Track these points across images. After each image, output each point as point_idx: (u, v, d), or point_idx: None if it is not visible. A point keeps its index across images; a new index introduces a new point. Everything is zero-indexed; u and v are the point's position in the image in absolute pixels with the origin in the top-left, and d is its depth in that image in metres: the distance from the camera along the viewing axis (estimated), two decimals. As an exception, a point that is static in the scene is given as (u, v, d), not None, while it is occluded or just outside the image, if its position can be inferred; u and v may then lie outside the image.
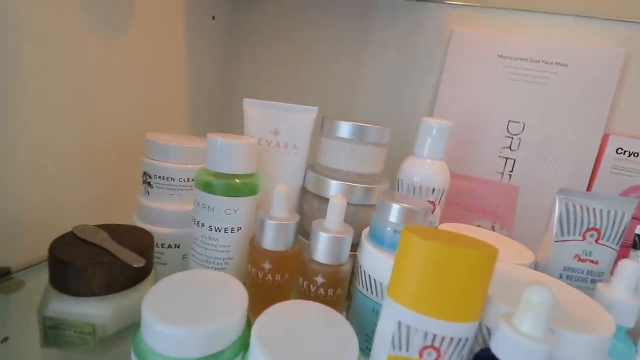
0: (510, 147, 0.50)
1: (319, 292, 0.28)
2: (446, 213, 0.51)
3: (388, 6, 0.54)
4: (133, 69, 0.43)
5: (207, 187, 0.30)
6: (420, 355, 0.21)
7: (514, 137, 0.50)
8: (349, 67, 0.57)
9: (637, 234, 0.30)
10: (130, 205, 0.38)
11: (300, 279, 0.29)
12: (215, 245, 0.31)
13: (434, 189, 0.36)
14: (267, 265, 0.29)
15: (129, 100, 0.44)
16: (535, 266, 0.33)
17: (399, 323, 0.21)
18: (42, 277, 0.35)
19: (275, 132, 0.35)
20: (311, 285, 0.28)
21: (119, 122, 0.43)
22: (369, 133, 0.34)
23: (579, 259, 0.31)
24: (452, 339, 0.21)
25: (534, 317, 0.20)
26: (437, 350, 0.21)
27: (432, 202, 0.37)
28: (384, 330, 0.22)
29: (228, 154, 0.30)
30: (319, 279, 0.28)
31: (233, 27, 0.61)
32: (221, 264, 0.31)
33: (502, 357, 0.20)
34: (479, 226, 0.42)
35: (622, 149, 0.48)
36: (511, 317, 0.21)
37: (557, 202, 0.32)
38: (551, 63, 0.48)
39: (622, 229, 0.31)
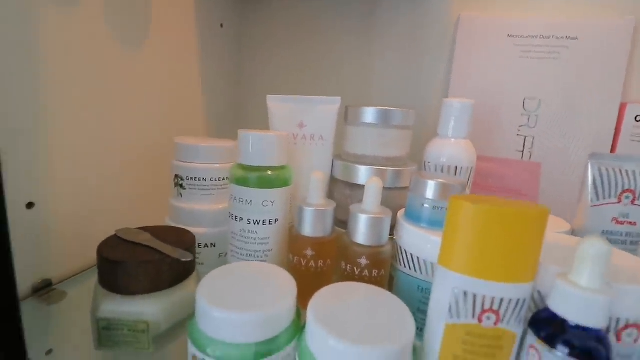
0: (528, 125, 0.51)
1: (364, 273, 0.28)
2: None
3: (392, -2, 0.55)
4: (154, 76, 0.44)
5: (243, 181, 0.31)
6: (480, 320, 0.21)
7: (531, 114, 0.50)
8: (362, 61, 0.58)
9: (674, 192, 0.30)
10: (163, 210, 0.39)
11: (343, 263, 0.29)
12: (255, 238, 0.31)
13: (461, 168, 0.36)
14: (309, 252, 0.29)
15: (151, 108, 0.45)
16: (573, 233, 0.33)
17: (455, 290, 0.22)
18: (83, 287, 0.35)
19: (301, 125, 0.36)
20: (355, 268, 0.28)
21: (144, 129, 0.44)
22: (393, 116, 0.35)
23: (617, 222, 0.31)
24: (510, 300, 0.21)
25: (591, 270, 0.20)
26: (497, 312, 0.21)
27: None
28: (440, 300, 0.22)
29: (260, 147, 0.30)
30: (363, 261, 0.28)
31: (242, 33, 0.62)
32: (261, 257, 0.32)
33: (564, 314, 0.20)
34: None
35: (641, 116, 0.48)
36: (567, 274, 0.21)
37: (590, 166, 0.32)
38: (561, 37, 0.49)
39: (658, 189, 0.31)
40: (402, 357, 0.21)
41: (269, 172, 0.31)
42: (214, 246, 0.36)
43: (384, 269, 0.29)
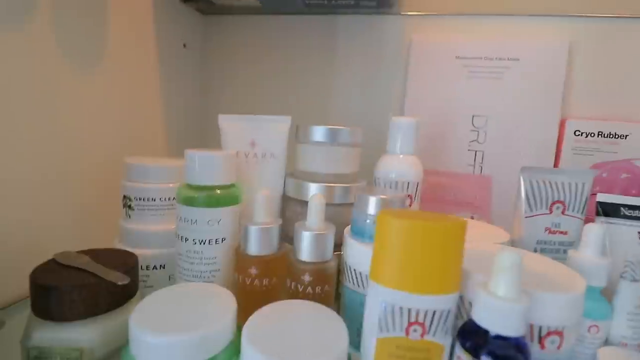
0: (477, 140, 0.53)
1: (307, 290, 0.29)
2: (427, 208, 0.52)
3: (350, 21, 0.58)
4: (109, 96, 0.44)
5: (188, 201, 0.31)
6: (407, 332, 0.22)
7: (480, 130, 0.53)
8: (320, 81, 0.60)
9: (598, 202, 0.33)
10: (113, 232, 0.38)
11: (288, 281, 0.29)
12: (201, 259, 0.31)
13: (409, 183, 0.38)
14: (253, 271, 0.29)
15: (106, 128, 0.44)
16: (512, 243, 0.34)
17: (384, 304, 0.22)
18: (24, 314, 0.34)
19: (252, 144, 0.37)
20: (299, 285, 0.29)
21: (97, 149, 0.43)
22: (341, 135, 0.36)
23: (550, 231, 0.33)
24: (434, 312, 0.22)
25: (506, 280, 0.21)
26: (422, 325, 0.22)
27: (409, 195, 0.38)
28: (371, 315, 0.23)
29: (206, 166, 0.31)
30: (306, 277, 0.28)
31: (206, 53, 0.63)
32: (208, 277, 0.31)
33: (483, 324, 0.21)
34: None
35: (580, 131, 0.52)
36: (487, 284, 0.22)
37: (522, 180, 0.34)
38: (504, 59, 0.52)
39: (584, 198, 0.33)
40: None
41: (218, 191, 0.32)
42: (164, 268, 0.35)
43: (328, 285, 0.29)
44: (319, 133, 0.36)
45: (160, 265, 0.35)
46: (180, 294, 0.26)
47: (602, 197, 0.32)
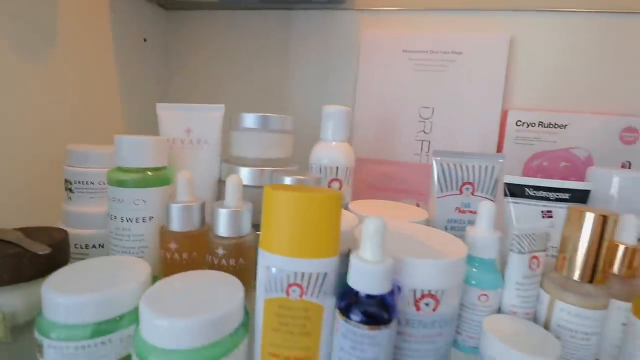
0: (424, 131, 0.55)
1: (222, 262, 0.31)
2: (377, 196, 0.54)
3: (304, 16, 0.60)
4: (62, 87, 0.46)
5: (116, 182, 0.33)
6: (287, 293, 0.24)
7: (426, 120, 0.55)
8: (277, 73, 0.62)
9: (505, 183, 0.35)
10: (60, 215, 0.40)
11: (207, 255, 0.32)
12: (129, 235, 0.33)
13: (337, 168, 0.40)
14: (173, 245, 0.31)
15: (58, 117, 0.46)
16: (427, 222, 0.36)
17: (268, 268, 0.24)
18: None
19: (188, 131, 0.39)
20: (214, 258, 0.31)
21: (47, 138, 0.45)
22: (271, 122, 0.38)
23: (460, 211, 0.35)
24: (311, 274, 0.24)
25: (371, 245, 0.23)
26: (300, 286, 0.24)
27: (339, 179, 0.40)
28: (261, 278, 0.25)
29: (133, 149, 0.33)
30: (220, 251, 0.31)
31: (168, 48, 0.65)
32: (137, 253, 0.34)
33: (354, 285, 0.23)
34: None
35: (521, 121, 0.54)
36: (358, 251, 0.24)
37: (434, 163, 0.36)
38: (448, 52, 0.54)
39: (493, 181, 0.35)
40: (222, 327, 0.23)
41: (149, 173, 0.34)
42: (102, 247, 0.38)
43: (243, 259, 0.31)
44: (250, 120, 0.38)
45: (99, 245, 0.38)
46: (98, 264, 0.29)
47: (508, 179, 0.34)
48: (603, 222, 0.27)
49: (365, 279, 0.23)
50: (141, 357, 0.23)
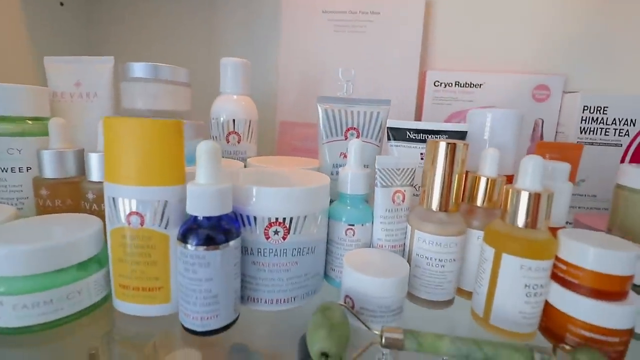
0: (345, 92, 0.55)
1: (94, 208, 0.31)
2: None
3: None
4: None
5: (-13, 130, 0.32)
6: (128, 222, 0.24)
7: (347, 82, 0.55)
8: (206, 33, 0.61)
9: (387, 127, 0.35)
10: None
11: (82, 201, 0.31)
12: (6, 186, 0.33)
13: (234, 120, 0.40)
14: (44, 192, 0.31)
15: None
16: (318, 169, 0.37)
17: (110, 199, 0.25)
18: None
19: (77, 84, 0.38)
20: (86, 204, 0.31)
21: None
22: (161, 71, 0.38)
23: (344, 156, 0.36)
24: (149, 202, 0.24)
25: (204, 168, 0.23)
26: (139, 214, 0.24)
27: (237, 132, 0.40)
28: (106, 211, 0.25)
29: (7, 96, 0.32)
30: (90, 195, 0.30)
31: (87, 9, 0.63)
32: (17, 204, 0.33)
33: (191, 211, 0.24)
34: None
35: (439, 82, 0.54)
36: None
37: (319, 109, 0.36)
38: (366, 12, 0.54)
39: (378, 126, 0.36)
40: (64, 256, 0.24)
41: (28, 122, 0.33)
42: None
43: (118, 204, 0.31)
44: (139, 69, 0.37)
45: (-14, 201, 0.37)
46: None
47: (390, 123, 0.35)
48: (453, 150, 0.28)
49: (199, 202, 0.23)
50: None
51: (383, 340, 0.23)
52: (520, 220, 0.26)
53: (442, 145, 0.28)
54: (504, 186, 0.30)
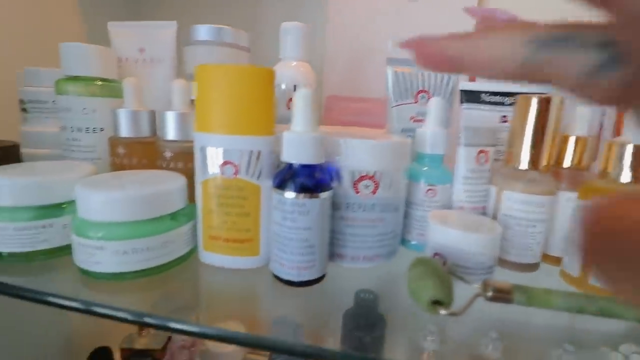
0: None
1: (170, 166, 0.31)
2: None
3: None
4: (11, 10, 0.45)
5: (63, 90, 0.32)
6: (222, 172, 0.24)
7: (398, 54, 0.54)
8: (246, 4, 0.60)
9: (461, 90, 0.34)
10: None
11: (158, 160, 0.31)
12: (79, 146, 0.33)
13: (295, 87, 0.39)
14: (121, 151, 0.31)
15: (12, 40, 0.45)
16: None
17: (202, 149, 0.24)
18: None
19: (141, 50, 0.38)
20: (162, 162, 0.31)
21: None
22: (225, 34, 0.37)
23: (414, 120, 0.35)
24: (242, 151, 0.24)
25: (301, 116, 0.23)
26: (233, 163, 0.24)
27: (298, 99, 0.40)
28: (196, 162, 0.25)
29: (78, 57, 0.32)
30: (167, 154, 0.30)
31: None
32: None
33: (287, 159, 0.23)
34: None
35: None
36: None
37: (388, 71, 0.35)
38: (419, -19, 0.52)
39: (450, 88, 0.35)
40: (157, 205, 0.23)
41: (98, 83, 0.33)
42: (60, 166, 0.37)
43: (192, 161, 0.31)
44: (202, 31, 0.37)
45: (57, 165, 0.37)
46: (44, 163, 0.29)
47: (463, 85, 0.34)
48: (547, 105, 0.26)
49: (297, 149, 0.23)
50: (79, 234, 0.23)
51: (490, 293, 0.22)
52: (625, 175, 0.24)
53: (535, 100, 0.27)
54: (595, 146, 0.28)
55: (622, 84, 0.09)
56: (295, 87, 0.39)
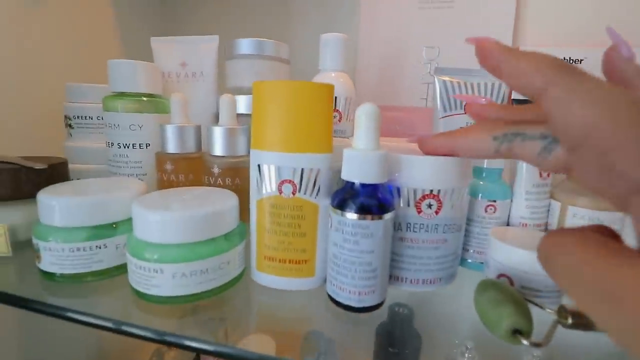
0: (430, 73, 0.53)
1: (218, 182, 0.30)
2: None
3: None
4: (56, 28, 0.46)
5: (111, 106, 0.32)
6: (280, 191, 0.23)
7: (431, 62, 0.53)
8: (278, 5, 0.60)
9: (513, 99, 0.33)
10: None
11: (204, 176, 0.31)
12: (127, 162, 0.33)
13: (336, 98, 0.38)
14: (169, 167, 0.31)
15: (56, 57, 0.46)
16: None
17: (259, 167, 0.24)
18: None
19: (183, 64, 0.38)
20: (210, 178, 0.30)
21: (47, 78, 0.45)
22: (266, 47, 0.37)
23: (465, 131, 0.33)
24: (302, 169, 0.23)
25: (364, 132, 0.22)
26: (292, 182, 0.23)
27: (338, 111, 0.39)
28: (251, 180, 0.24)
29: (125, 73, 0.32)
30: (215, 170, 0.30)
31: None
32: (136, 181, 0.34)
33: (348, 177, 0.22)
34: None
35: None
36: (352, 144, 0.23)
37: (436, 81, 0.34)
38: (455, -13, 0.51)
39: (501, 98, 0.33)
40: (213, 226, 0.23)
41: (144, 99, 0.33)
42: (104, 181, 0.38)
43: (240, 179, 0.31)
44: (244, 45, 0.37)
45: (100, 179, 0.38)
46: (95, 181, 0.29)
47: (516, 95, 0.32)
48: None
49: (359, 168, 0.22)
50: (135, 256, 0.22)
51: (569, 320, 0.20)
52: None
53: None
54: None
55: (561, 158, 0.14)
56: (335, 99, 0.39)
